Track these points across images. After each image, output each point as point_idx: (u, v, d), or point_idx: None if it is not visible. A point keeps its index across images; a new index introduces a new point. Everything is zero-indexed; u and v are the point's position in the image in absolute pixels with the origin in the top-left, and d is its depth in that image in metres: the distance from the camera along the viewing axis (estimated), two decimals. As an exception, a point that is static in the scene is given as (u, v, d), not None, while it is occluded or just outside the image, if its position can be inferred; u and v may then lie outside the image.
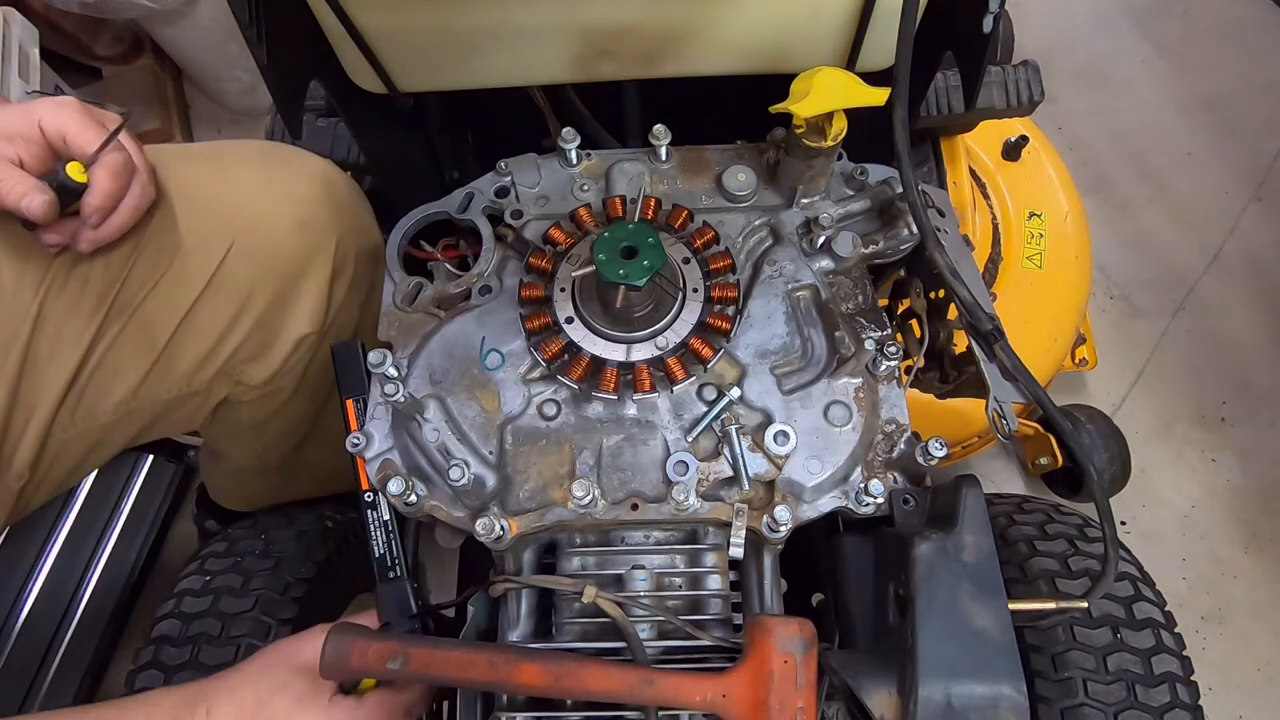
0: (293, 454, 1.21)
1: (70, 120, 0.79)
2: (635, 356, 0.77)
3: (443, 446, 0.75)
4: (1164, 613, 0.87)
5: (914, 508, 0.75)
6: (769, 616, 0.65)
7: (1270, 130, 2.11)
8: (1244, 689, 1.53)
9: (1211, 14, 2.31)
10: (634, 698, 0.63)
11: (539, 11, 0.79)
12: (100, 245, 0.84)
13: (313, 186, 1.00)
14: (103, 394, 0.92)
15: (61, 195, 0.79)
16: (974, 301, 0.78)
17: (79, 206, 0.81)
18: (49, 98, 0.83)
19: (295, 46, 0.82)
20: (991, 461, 1.74)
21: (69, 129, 0.79)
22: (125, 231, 0.85)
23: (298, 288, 0.98)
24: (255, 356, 0.99)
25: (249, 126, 2.19)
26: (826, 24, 0.82)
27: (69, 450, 0.94)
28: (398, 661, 0.64)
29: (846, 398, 0.76)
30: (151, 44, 2.06)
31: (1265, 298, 1.91)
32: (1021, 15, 2.23)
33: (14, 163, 0.79)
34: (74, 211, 0.82)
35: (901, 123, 0.77)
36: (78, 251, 0.85)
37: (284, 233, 0.96)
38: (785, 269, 0.83)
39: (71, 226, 0.82)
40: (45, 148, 0.81)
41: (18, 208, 0.79)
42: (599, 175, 0.90)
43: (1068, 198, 1.61)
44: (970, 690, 0.61)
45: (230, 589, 0.94)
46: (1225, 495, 1.71)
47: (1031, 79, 1.32)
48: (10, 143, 0.79)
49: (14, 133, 0.79)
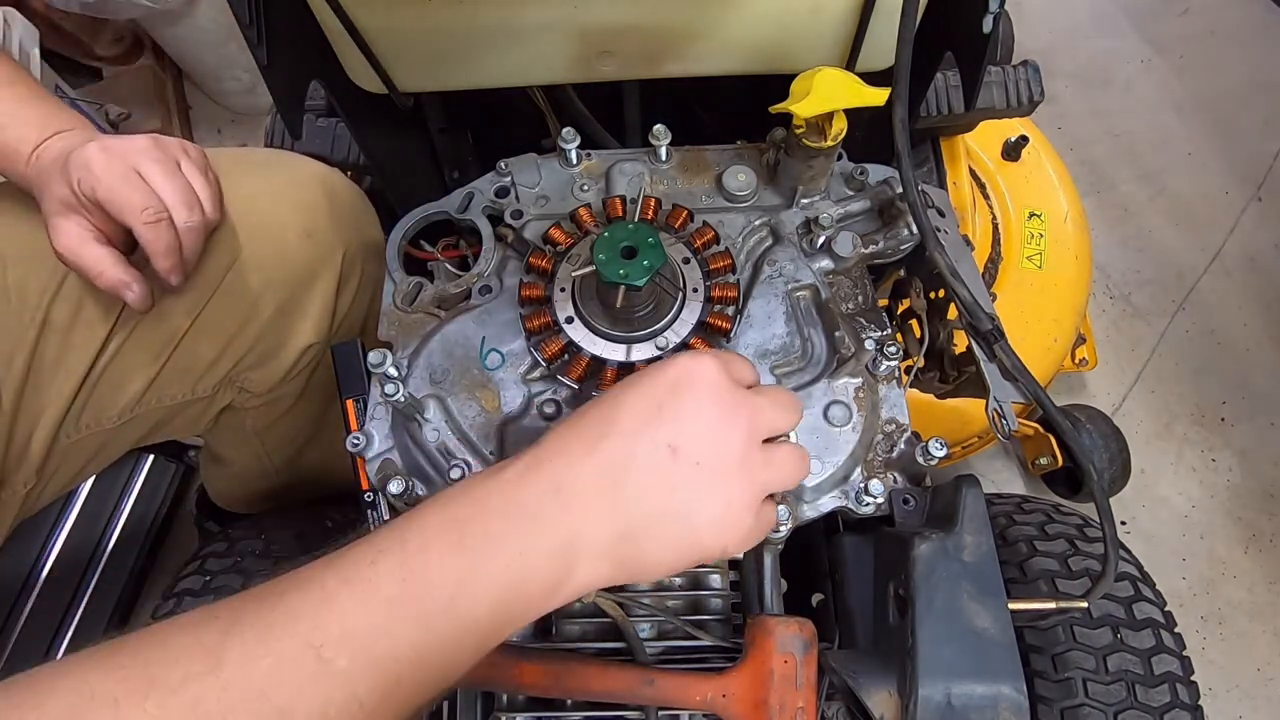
0: (294, 458, 1.21)
1: (112, 188, 0.77)
2: (635, 356, 0.77)
3: (443, 446, 0.75)
4: (1164, 613, 0.87)
5: (914, 508, 0.75)
6: (769, 616, 0.65)
7: (1270, 130, 2.11)
8: (1244, 689, 1.53)
9: (1211, 14, 2.31)
10: (634, 698, 0.63)
11: (539, 11, 0.79)
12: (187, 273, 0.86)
13: (319, 195, 0.99)
14: (109, 400, 0.92)
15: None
16: (974, 301, 0.78)
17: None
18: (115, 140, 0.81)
19: (295, 46, 0.82)
20: (991, 461, 1.74)
21: (112, 200, 0.77)
22: (199, 256, 0.86)
23: (304, 297, 0.98)
24: (260, 364, 0.99)
25: (249, 126, 2.18)
26: (826, 24, 0.82)
27: (74, 454, 0.94)
28: (398, 661, 0.64)
29: (846, 398, 0.76)
30: (151, 44, 2.06)
31: (1265, 298, 1.91)
32: (1021, 15, 2.23)
33: (96, 237, 0.79)
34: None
35: (901, 123, 0.77)
36: (170, 290, 0.86)
37: (291, 242, 0.96)
38: (785, 269, 0.83)
39: (149, 282, 0.83)
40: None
41: (117, 295, 0.80)
42: (599, 175, 0.90)
43: (1068, 198, 1.60)
44: (970, 690, 0.61)
45: (230, 589, 0.93)
46: (1225, 495, 1.71)
47: (1031, 79, 1.32)
48: (90, 214, 0.79)
49: (92, 200, 0.78)
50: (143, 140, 0.81)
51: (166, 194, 0.79)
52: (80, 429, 0.92)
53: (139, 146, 0.80)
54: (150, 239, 0.79)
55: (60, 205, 0.78)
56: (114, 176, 0.77)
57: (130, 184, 0.77)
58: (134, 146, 0.80)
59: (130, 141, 0.80)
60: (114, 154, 0.78)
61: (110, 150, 0.78)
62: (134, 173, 0.78)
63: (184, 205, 0.81)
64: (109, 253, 0.79)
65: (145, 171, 0.79)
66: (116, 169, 0.77)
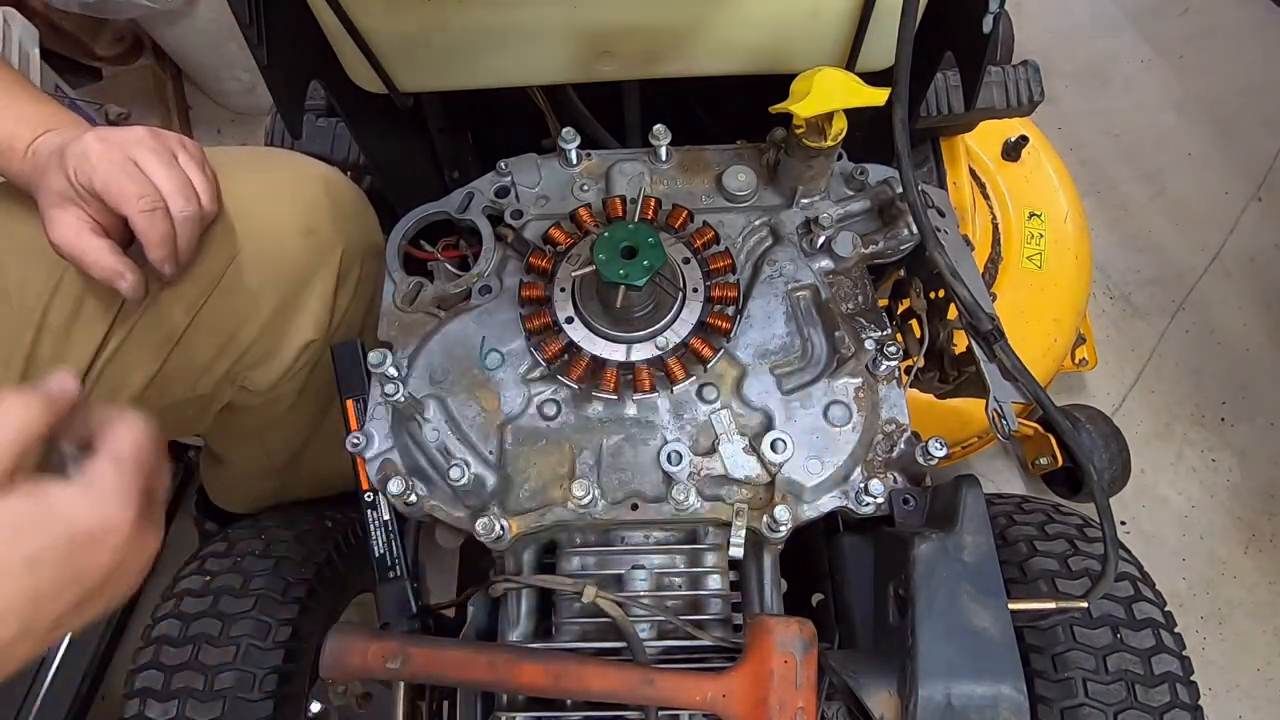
0: (294, 458, 1.21)
1: (109, 176, 0.77)
2: (635, 356, 0.77)
3: (443, 446, 0.75)
4: (1164, 613, 0.87)
5: (914, 508, 0.75)
6: (769, 616, 0.65)
7: (1270, 130, 2.11)
8: (1244, 689, 1.53)
9: (1211, 14, 2.31)
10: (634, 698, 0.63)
11: (539, 12, 0.79)
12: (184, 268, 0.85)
13: (318, 194, 1.00)
14: (108, 399, 0.92)
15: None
16: (974, 301, 0.78)
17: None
18: (112, 130, 0.80)
19: (295, 46, 0.82)
20: (991, 461, 1.74)
21: (109, 189, 0.77)
22: (194, 248, 0.85)
23: (303, 295, 0.98)
24: (260, 362, 0.99)
25: (249, 126, 2.18)
26: (826, 24, 0.82)
27: None
28: (397, 661, 0.64)
29: (846, 398, 0.76)
30: (151, 44, 2.06)
31: (1265, 298, 1.91)
32: (1021, 15, 2.23)
33: (93, 228, 0.79)
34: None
35: (901, 123, 0.77)
36: (164, 282, 0.85)
37: (290, 239, 0.96)
38: (785, 269, 0.83)
39: (143, 272, 0.82)
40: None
41: (110, 284, 0.80)
42: (599, 175, 0.90)
43: (1068, 198, 1.61)
44: (970, 690, 0.61)
45: (230, 589, 0.93)
46: (1225, 495, 1.71)
47: (1031, 79, 1.32)
48: (87, 204, 0.79)
49: (89, 190, 0.78)
50: (140, 131, 0.81)
51: (162, 183, 0.79)
52: None
53: (136, 137, 0.80)
54: (145, 228, 0.79)
55: (57, 196, 0.78)
56: (111, 165, 0.77)
57: (127, 173, 0.77)
58: (131, 137, 0.80)
59: (127, 132, 0.80)
60: (111, 144, 0.78)
61: (107, 140, 0.78)
62: (130, 162, 0.78)
63: (180, 195, 0.80)
64: (104, 243, 0.79)
65: (142, 161, 0.79)
66: (113, 158, 0.77)
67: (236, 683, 0.86)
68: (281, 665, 0.89)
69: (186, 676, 0.87)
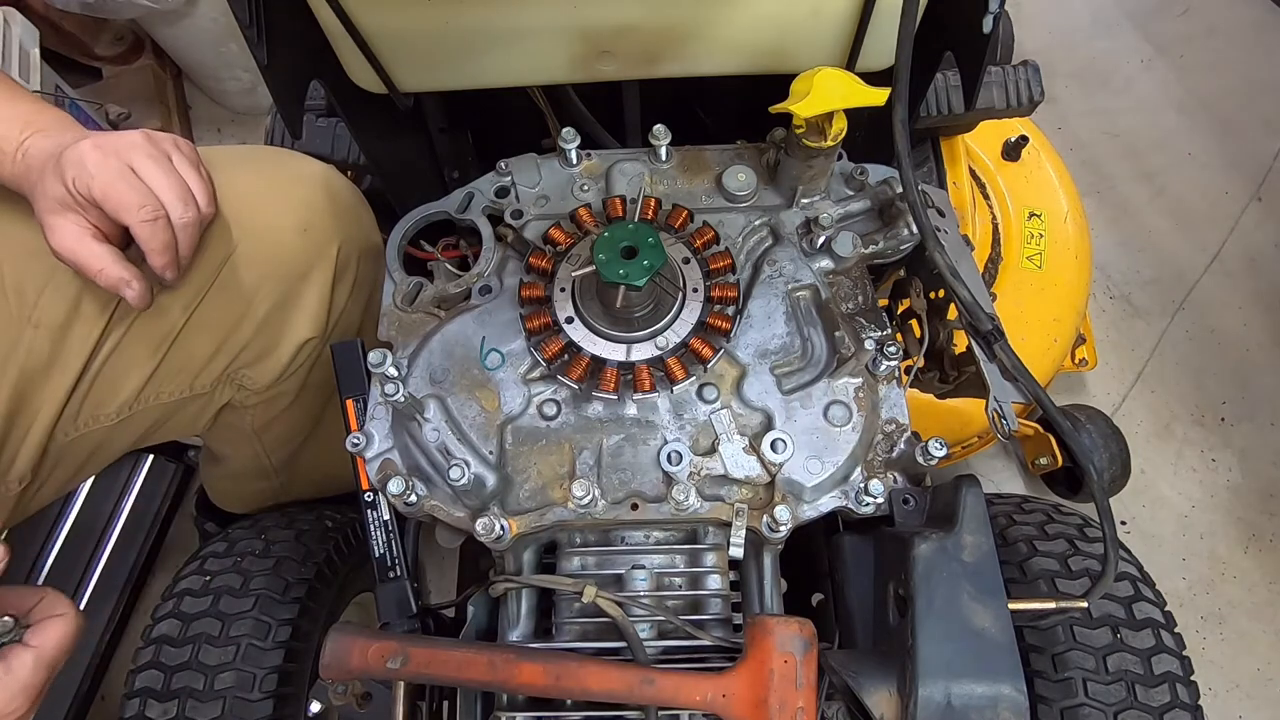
0: (293, 458, 1.21)
1: (107, 185, 0.77)
2: (635, 356, 0.77)
3: (443, 446, 0.75)
4: (1164, 613, 0.87)
5: (914, 508, 0.75)
6: (769, 616, 0.65)
7: (1270, 130, 2.11)
8: (1244, 689, 1.53)
9: (1211, 14, 2.31)
10: (634, 697, 0.63)
11: (539, 11, 0.79)
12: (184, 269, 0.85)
13: (315, 191, 1.00)
14: (106, 398, 0.92)
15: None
16: (974, 301, 0.78)
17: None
18: (109, 135, 0.80)
19: (295, 46, 0.82)
20: (991, 461, 1.74)
21: (108, 198, 0.77)
22: (194, 249, 0.85)
23: (300, 292, 0.98)
24: (258, 361, 0.99)
25: (249, 126, 2.18)
26: (826, 24, 0.82)
27: (71, 454, 0.94)
28: (398, 661, 0.64)
29: (846, 398, 0.76)
30: (151, 44, 2.06)
31: (1265, 298, 1.90)
32: (1021, 15, 2.23)
33: (93, 234, 0.79)
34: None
35: (901, 123, 0.77)
36: (164, 283, 0.85)
37: (287, 237, 0.96)
38: (785, 269, 0.83)
39: (145, 277, 0.83)
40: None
41: (117, 293, 0.80)
42: (599, 175, 0.90)
43: (1068, 198, 1.60)
44: (970, 690, 0.61)
45: (230, 589, 0.93)
46: (1225, 495, 1.71)
47: (1031, 79, 1.32)
48: (86, 212, 0.78)
49: (88, 198, 0.78)
50: (135, 136, 0.81)
51: (162, 190, 0.79)
52: (78, 427, 0.92)
53: (132, 142, 0.80)
54: (147, 237, 0.79)
55: (55, 204, 0.78)
56: (109, 174, 0.77)
57: (126, 182, 0.77)
58: (127, 143, 0.80)
59: (123, 138, 0.80)
60: (108, 151, 0.78)
61: (104, 148, 0.78)
62: (129, 170, 0.78)
63: (179, 201, 0.80)
64: (108, 250, 0.79)
65: (140, 168, 0.79)
66: (111, 166, 0.77)
67: (236, 683, 0.86)
68: (281, 665, 0.89)
69: (186, 676, 0.87)
